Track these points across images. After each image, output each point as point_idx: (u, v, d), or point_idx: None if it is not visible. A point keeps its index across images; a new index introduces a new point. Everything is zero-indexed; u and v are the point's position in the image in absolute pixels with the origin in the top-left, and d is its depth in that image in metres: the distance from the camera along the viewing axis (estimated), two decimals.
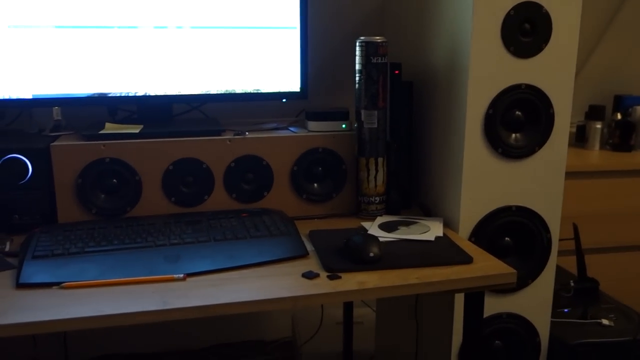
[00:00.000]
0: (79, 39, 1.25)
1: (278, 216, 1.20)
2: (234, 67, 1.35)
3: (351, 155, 1.31)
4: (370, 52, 1.22)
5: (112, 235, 1.08)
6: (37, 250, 1.02)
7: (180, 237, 1.09)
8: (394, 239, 1.13)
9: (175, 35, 1.30)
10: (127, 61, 1.29)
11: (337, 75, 1.66)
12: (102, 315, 0.85)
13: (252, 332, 1.93)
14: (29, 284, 0.94)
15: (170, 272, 0.97)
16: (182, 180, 1.23)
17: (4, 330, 0.83)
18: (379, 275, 0.99)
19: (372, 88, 1.24)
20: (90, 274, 0.96)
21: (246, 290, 0.93)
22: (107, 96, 1.30)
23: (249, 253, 1.05)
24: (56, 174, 1.17)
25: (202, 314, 0.88)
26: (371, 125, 1.26)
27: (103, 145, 1.18)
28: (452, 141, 1.22)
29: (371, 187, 1.28)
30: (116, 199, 1.21)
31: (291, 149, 1.28)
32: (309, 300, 0.93)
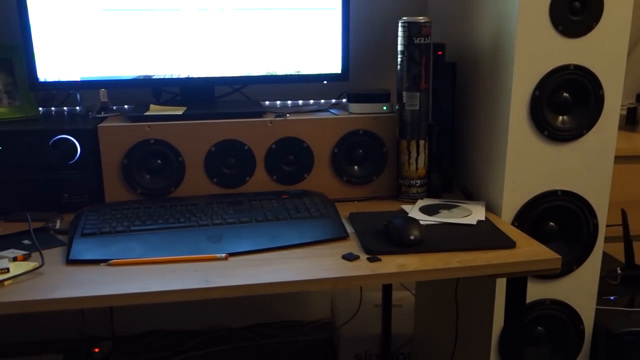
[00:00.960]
0: (124, 21, 1.27)
1: (318, 198, 1.20)
2: (275, 48, 1.35)
3: (392, 138, 1.30)
4: (413, 32, 1.20)
5: (157, 215, 1.10)
6: (85, 228, 1.05)
7: (222, 217, 1.10)
8: (435, 222, 1.12)
9: (217, 17, 1.31)
10: (171, 44, 1.30)
11: (378, 57, 1.64)
12: (147, 292, 0.88)
13: (291, 313, 1.96)
14: (79, 260, 0.97)
15: (213, 252, 0.99)
16: (224, 162, 1.25)
17: (55, 304, 0.86)
18: (420, 258, 0.98)
19: (414, 69, 1.22)
20: (136, 252, 0.99)
21: (287, 270, 0.94)
22: (152, 78, 1.32)
23: (290, 234, 1.06)
24: (103, 155, 1.20)
25: (243, 292, 0.90)
26: (413, 107, 1.25)
27: (148, 127, 1.21)
28: (496, 124, 1.19)
29: (412, 170, 1.27)
30: (160, 180, 1.23)
31: (332, 131, 1.28)
32: (349, 281, 0.94)
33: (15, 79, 1.31)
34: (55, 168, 1.19)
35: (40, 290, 0.88)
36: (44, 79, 1.27)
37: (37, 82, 1.26)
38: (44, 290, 0.88)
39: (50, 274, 0.93)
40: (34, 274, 0.92)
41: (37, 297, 0.86)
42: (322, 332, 1.92)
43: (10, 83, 1.30)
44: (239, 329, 1.91)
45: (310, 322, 1.96)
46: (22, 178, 1.19)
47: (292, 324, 1.95)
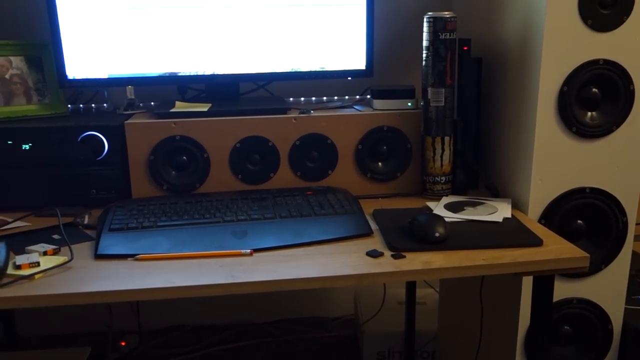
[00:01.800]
0: (151, 19, 1.28)
1: (342, 194, 1.20)
2: (299, 45, 1.35)
3: (417, 134, 1.29)
4: (439, 27, 1.19)
5: (183, 211, 1.12)
6: (113, 224, 1.07)
7: (247, 213, 1.11)
8: (460, 220, 1.11)
9: (242, 14, 1.31)
10: (196, 41, 1.31)
11: (403, 52, 1.63)
12: (173, 286, 0.89)
13: (314, 309, 1.96)
14: (106, 255, 0.99)
15: (238, 247, 1.00)
16: (249, 158, 1.26)
17: (84, 298, 0.88)
18: (444, 255, 0.98)
19: (439, 65, 1.21)
20: (162, 247, 1.00)
21: (311, 266, 0.94)
22: (177, 75, 1.33)
23: (314, 230, 1.06)
24: (130, 151, 1.22)
25: (268, 288, 0.90)
26: (438, 103, 1.24)
27: (174, 124, 1.22)
28: (523, 120, 1.17)
29: (437, 167, 1.26)
30: (186, 176, 1.24)
31: (356, 127, 1.28)
32: (373, 278, 0.93)
33: (45, 76, 1.33)
34: (84, 164, 1.21)
35: (69, 284, 0.89)
36: (72, 77, 1.29)
37: (66, 80, 1.29)
38: (73, 284, 0.89)
39: (79, 268, 0.95)
40: (63, 268, 0.94)
41: (66, 290, 0.87)
42: (345, 329, 1.92)
43: (39, 80, 1.33)
44: (263, 324, 1.92)
45: (334, 319, 1.96)
46: (52, 174, 1.21)
47: (316, 320, 1.95)
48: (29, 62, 1.31)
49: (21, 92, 1.30)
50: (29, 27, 1.46)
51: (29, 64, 1.31)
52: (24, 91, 1.31)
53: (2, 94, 1.28)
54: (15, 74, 1.30)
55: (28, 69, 1.31)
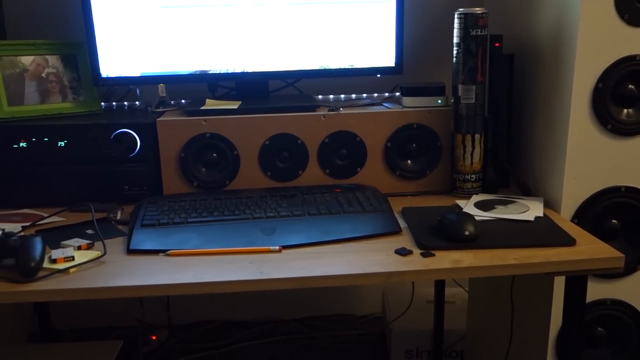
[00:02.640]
0: (182, 17, 1.30)
1: (371, 192, 1.20)
2: (328, 42, 1.35)
3: (447, 132, 1.28)
4: (470, 24, 1.18)
5: (212, 207, 1.13)
6: (145, 220, 1.08)
7: (275, 210, 1.12)
8: (491, 218, 1.10)
9: (272, 12, 1.32)
10: (226, 39, 1.32)
11: (433, 49, 1.62)
12: (203, 282, 0.90)
13: (342, 307, 1.96)
14: (138, 250, 1.00)
15: (267, 244, 1.00)
16: (278, 155, 1.26)
17: (116, 292, 0.90)
18: (474, 254, 0.97)
19: (470, 62, 1.20)
20: (193, 243, 1.01)
21: (339, 264, 0.94)
22: (208, 73, 1.34)
23: (343, 228, 1.06)
24: (162, 148, 1.24)
25: (297, 285, 0.91)
26: (468, 100, 1.22)
27: (204, 121, 1.23)
28: (556, 117, 1.15)
29: (467, 165, 1.25)
30: (216, 173, 1.26)
31: (385, 124, 1.27)
32: (402, 276, 0.93)
33: (80, 75, 1.36)
34: (117, 161, 1.23)
35: (103, 278, 0.91)
36: (106, 75, 1.31)
37: (100, 78, 1.31)
38: (106, 278, 0.91)
39: (112, 262, 0.96)
40: (96, 263, 0.96)
41: (99, 284, 0.89)
42: (373, 327, 1.91)
43: (74, 79, 1.36)
44: (290, 321, 1.93)
45: (361, 317, 1.96)
46: (86, 170, 1.24)
47: (343, 318, 1.95)
48: (64, 61, 1.34)
49: (57, 91, 1.34)
50: (64, 26, 1.49)
51: (64, 63, 1.34)
52: (59, 89, 1.34)
53: (38, 92, 1.31)
54: (51, 72, 1.33)
55: (63, 67, 1.34)
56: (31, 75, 1.31)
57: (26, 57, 1.30)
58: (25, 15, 1.52)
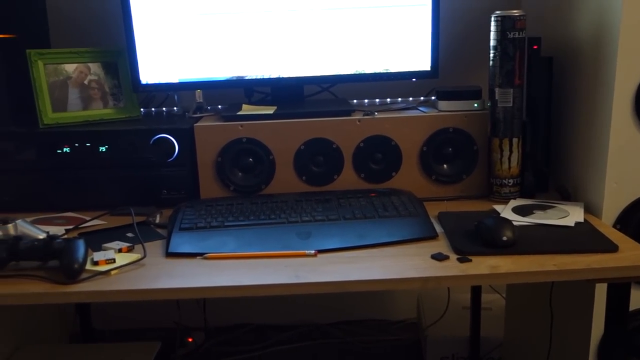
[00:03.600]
0: (219, 24, 1.32)
1: (407, 197, 1.19)
2: (364, 47, 1.35)
3: (483, 136, 1.27)
4: (507, 26, 1.17)
5: (249, 211, 1.14)
6: (183, 223, 1.10)
7: (311, 214, 1.12)
8: (529, 223, 1.08)
9: (307, 17, 1.33)
10: (262, 45, 1.34)
11: (469, 53, 1.60)
12: (240, 285, 0.91)
13: (376, 312, 1.96)
14: (177, 253, 1.02)
15: (302, 248, 1.01)
16: (313, 160, 1.27)
17: (156, 294, 0.92)
18: (513, 260, 0.95)
19: (507, 65, 1.18)
20: (230, 247, 1.03)
21: (375, 268, 0.94)
22: (244, 79, 1.36)
23: (378, 233, 1.06)
24: (199, 153, 1.26)
25: (332, 289, 0.91)
26: (506, 104, 1.21)
27: (240, 126, 1.25)
28: (597, 120, 1.13)
29: (504, 169, 1.23)
30: (252, 177, 1.27)
31: (421, 129, 1.26)
32: (439, 281, 0.92)
33: (120, 81, 1.40)
34: (155, 166, 1.26)
35: (143, 280, 0.93)
36: (145, 82, 1.34)
37: (140, 85, 1.35)
38: (146, 280, 0.93)
39: (151, 265, 0.98)
40: (136, 265, 0.98)
41: (139, 286, 0.91)
42: (408, 333, 1.90)
43: (115, 85, 1.39)
44: (325, 325, 1.93)
45: (396, 322, 1.95)
46: (126, 175, 1.27)
47: (378, 323, 1.94)
48: (105, 68, 1.38)
49: (98, 97, 1.37)
50: (105, 34, 1.53)
51: (105, 70, 1.38)
52: (101, 96, 1.37)
53: (81, 99, 1.35)
54: (93, 79, 1.37)
55: (105, 74, 1.38)
56: (74, 83, 1.35)
57: (70, 65, 1.34)
58: (68, 24, 1.57)
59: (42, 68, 1.30)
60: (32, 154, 1.26)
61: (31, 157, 1.26)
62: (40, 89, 1.30)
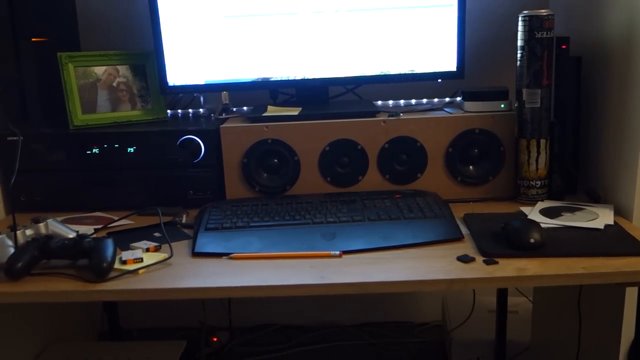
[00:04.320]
0: (244, 26, 1.33)
1: (432, 198, 1.18)
2: (389, 48, 1.35)
3: (510, 137, 1.25)
4: (535, 26, 1.15)
5: (274, 212, 1.15)
6: (209, 223, 1.11)
7: (336, 215, 1.12)
8: (557, 226, 1.07)
9: (332, 19, 1.33)
10: (287, 46, 1.35)
11: (495, 53, 1.59)
12: (266, 285, 0.91)
13: (401, 314, 1.95)
14: (203, 253, 1.03)
15: (327, 249, 1.01)
16: (338, 161, 1.27)
17: (182, 293, 0.93)
18: (540, 262, 0.94)
19: (535, 65, 1.17)
20: (255, 247, 1.03)
21: (400, 270, 0.94)
22: (269, 80, 1.37)
23: (403, 234, 1.05)
24: (225, 154, 1.27)
25: (357, 290, 0.91)
26: (533, 104, 1.19)
27: (266, 127, 1.26)
28: (628, 121, 1.11)
29: (532, 171, 1.22)
30: (277, 178, 1.28)
31: (446, 130, 1.26)
32: (464, 284, 0.92)
33: (148, 83, 1.42)
34: (182, 166, 1.27)
35: (169, 279, 0.94)
36: (172, 84, 1.36)
37: (167, 86, 1.36)
38: (173, 279, 0.94)
39: (178, 265, 1.00)
40: (163, 265, 0.99)
41: (166, 285, 0.93)
42: (432, 335, 1.88)
43: (143, 87, 1.41)
44: (349, 327, 1.92)
45: (421, 324, 1.93)
46: (153, 175, 1.28)
47: (402, 325, 1.93)
48: (133, 70, 1.40)
49: (127, 99, 1.39)
50: (133, 37, 1.55)
51: (133, 72, 1.40)
52: (129, 98, 1.40)
53: (110, 101, 1.38)
54: (121, 81, 1.39)
55: (133, 77, 1.40)
56: (103, 85, 1.37)
57: (99, 68, 1.36)
58: (97, 27, 1.60)
59: (72, 70, 1.33)
60: (62, 155, 1.29)
61: (62, 157, 1.29)
62: (71, 91, 1.32)
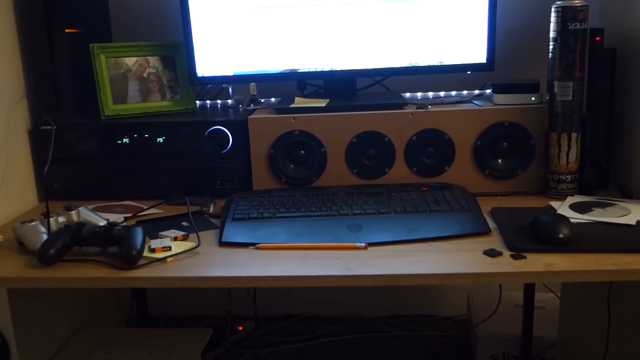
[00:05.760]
0: (274, 17, 1.33)
1: (459, 191, 1.17)
2: (418, 39, 1.34)
3: (540, 130, 1.23)
4: (568, 17, 1.13)
5: (300, 203, 1.15)
6: (236, 213, 1.12)
7: (362, 207, 1.12)
8: (587, 221, 1.05)
9: (362, 10, 1.33)
10: (316, 38, 1.34)
11: (526, 44, 1.56)
12: (291, 275, 0.92)
13: (425, 307, 1.94)
14: (230, 242, 1.04)
15: (353, 241, 1.01)
16: (365, 153, 1.27)
17: (209, 282, 0.94)
18: (569, 258, 0.93)
19: (567, 57, 1.15)
20: (281, 237, 1.04)
21: (426, 263, 0.93)
22: (297, 72, 1.37)
23: (429, 227, 1.05)
24: (252, 145, 1.27)
25: (383, 282, 0.91)
26: (565, 97, 1.17)
27: (293, 119, 1.26)
28: None
29: (562, 165, 1.20)
30: (303, 169, 1.28)
31: (475, 122, 1.24)
32: (491, 278, 0.91)
33: (177, 74, 1.43)
34: (210, 157, 1.29)
35: (197, 268, 0.96)
36: (201, 75, 1.37)
37: (196, 77, 1.38)
38: (200, 268, 0.96)
39: (205, 254, 1.01)
40: (191, 253, 1.01)
41: (194, 274, 0.94)
42: (457, 329, 1.87)
43: (172, 78, 1.43)
44: (373, 319, 1.92)
45: (445, 318, 1.93)
46: (182, 165, 1.30)
47: (427, 319, 1.93)
48: (163, 61, 1.42)
49: (156, 90, 1.41)
50: (163, 28, 1.57)
51: (163, 63, 1.42)
52: (159, 88, 1.41)
53: (140, 91, 1.40)
54: (152, 72, 1.41)
55: (163, 67, 1.42)
56: (134, 75, 1.39)
57: (130, 59, 1.38)
58: (128, 18, 1.62)
59: (104, 61, 1.35)
60: (93, 144, 1.31)
61: (93, 147, 1.31)
62: (102, 81, 1.34)
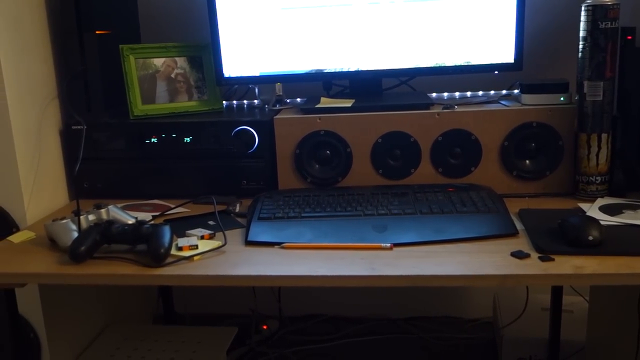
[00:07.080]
0: (300, 18, 1.34)
1: (486, 192, 1.16)
2: (444, 39, 1.33)
3: (570, 131, 1.22)
4: (598, 16, 1.11)
5: (325, 203, 1.15)
6: (261, 213, 1.13)
7: (387, 208, 1.12)
8: (618, 224, 1.03)
9: (388, 10, 1.32)
10: (341, 38, 1.35)
11: (555, 44, 1.54)
12: (316, 275, 0.92)
13: (450, 309, 1.92)
14: (256, 242, 1.05)
15: (378, 241, 1.01)
16: (390, 153, 1.26)
17: (235, 280, 0.95)
18: (599, 261, 0.91)
19: (598, 56, 1.13)
20: (306, 237, 1.04)
21: (452, 264, 0.93)
22: (323, 72, 1.38)
23: (455, 228, 1.04)
24: (278, 144, 1.28)
25: (407, 283, 0.91)
26: (595, 97, 1.15)
27: (319, 119, 1.26)
28: None
29: (592, 166, 1.18)
30: (329, 169, 1.28)
31: (502, 123, 1.23)
32: (518, 280, 0.90)
33: (204, 75, 1.45)
34: (236, 157, 1.30)
35: (223, 266, 0.97)
36: (228, 75, 1.39)
37: (223, 78, 1.39)
38: (226, 267, 0.97)
39: (231, 252, 1.02)
40: (217, 252, 1.02)
41: (220, 272, 0.95)
42: (482, 332, 1.85)
43: (200, 79, 1.45)
44: (397, 320, 1.92)
45: (470, 320, 1.91)
46: (208, 165, 1.32)
47: (452, 320, 1.91)
48: (191, 62, 1.44)
49: (184, 90, 1.43)
50: (191, 29, 1.59)
51: (191, 64, 1.44)
52: (186, 89, 1.43)
53: (168, 92, 1.42)
54: (179, 73, 1.42)
55: (190, 68, 1.44)
56: (162, 76, 1.41)
57: (158, 59, 1.40)
58: (157, 19, 1.64)
59: (133, 62, 1.37)
60: (122, 144, 1.33)
61: (122, 146, 1.34)
62: (132, 82, 1.37)
